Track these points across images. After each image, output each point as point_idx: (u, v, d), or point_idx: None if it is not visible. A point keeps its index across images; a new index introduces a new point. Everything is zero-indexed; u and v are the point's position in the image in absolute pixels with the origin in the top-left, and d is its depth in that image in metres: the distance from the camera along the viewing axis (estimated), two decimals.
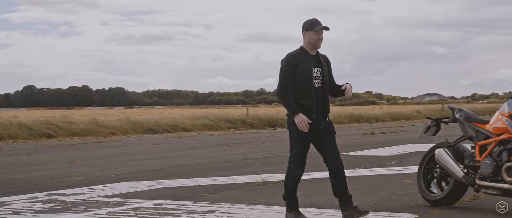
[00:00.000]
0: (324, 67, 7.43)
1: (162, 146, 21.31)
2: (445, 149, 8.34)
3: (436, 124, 8.83)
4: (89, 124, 29.89)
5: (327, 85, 7.46)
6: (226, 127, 34.66)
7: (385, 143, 19.98)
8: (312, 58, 7.38)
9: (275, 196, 9.37)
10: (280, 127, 36.15)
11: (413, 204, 8.55)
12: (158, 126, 31.99)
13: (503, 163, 7.67)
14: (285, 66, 7.34)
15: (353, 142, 21.30)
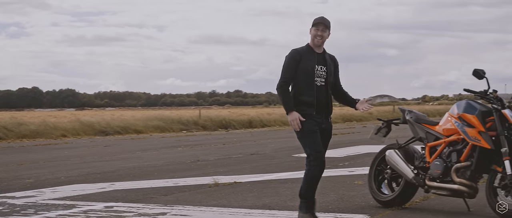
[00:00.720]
0: (329, 66, 7.36)
1: (114, 148, 21.12)
2: (396, 150, 8.41)
3: (387, 125, 8.90)
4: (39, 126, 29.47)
5: (332, 85, 7.41)
6: (178, 128, 34.50)
7: (337, 144, 20.09)
8: (316, 56, 7.31)
9: (227, 197, 9.35)
10: (232, 128, 36.16)
11: (364, 205, 8.60)
12: (110, 128, 31.70)
13: (452, 164, 7.76)
14: (288, 61, 7.29)
15: None
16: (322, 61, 7.33)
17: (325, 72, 7.31)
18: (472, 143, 7.54)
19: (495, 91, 7.66)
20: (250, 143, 21.86)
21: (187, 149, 19.77)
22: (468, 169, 7.59)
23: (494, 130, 7.46)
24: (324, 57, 7.38)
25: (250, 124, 38.61)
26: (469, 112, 7.65)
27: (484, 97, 7.67)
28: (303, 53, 7.28)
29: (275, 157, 16.27)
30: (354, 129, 32.83)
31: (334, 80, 7.51)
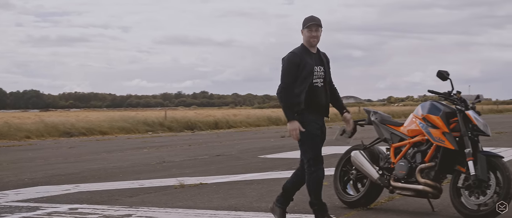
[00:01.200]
0: (325, 66, 7.27)
1: (78, 149, 20.96)
2: (361, 151, 8.45)
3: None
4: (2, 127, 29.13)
5: (329, 85, 7.32)
6: (144, 129, 34.33)
7: None
8: (313, 56, 7.20)
9: (193, 199, 9.32)
10: (198, 129, 36.07)
11: (329, 206, 8.60)
12: (74, 129, 31.44)
13: (417, 164, 7.83)
14: (287, 65, 7.11)
15: (272, 144, 21.41)
16: (319, 62, 7.24)
17: (323, 72, 7.22)
18: (436, 143, 7.61)
19: (459, 92, 7.73)
20: (216, 144, 21.81)
21: (152, 150, 19.68)
22: (433, 170, 7.66)
23: (458, 131, 7.53)
24: (320, 56, 7.28)
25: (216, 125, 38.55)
26: (433, 113, 7.72)
27: (448, 98, 7.74)
28: (301, 55, 7.12)
29: (241, 158, 16.27)
30: None
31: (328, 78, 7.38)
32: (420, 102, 7.47)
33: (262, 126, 41.25)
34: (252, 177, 11.94)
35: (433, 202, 8.09)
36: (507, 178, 7.19)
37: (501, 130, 26.74)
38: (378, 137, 8.58)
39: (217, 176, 12.11)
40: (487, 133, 7.53)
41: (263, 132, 32.79)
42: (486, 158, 7.32)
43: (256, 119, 42.78)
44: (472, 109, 7.63)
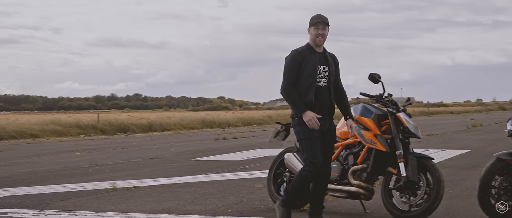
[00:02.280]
0: (331, 66, 7.16)
1: (8, 153, 20.55)
2: (294, 153, 8.48)
3: (286, 128, 8.96)
4: None
5: (333, 85, 7.21)
6: (76, 132, 33.88)
7: (237, 148, 20.16)
8: (318, 56, 7.10)
9: (125, 202, 9.23)
10: (131, 132, 35.77)
11: (263, 208, 8.65)
12: (4, 132, 30.83)
13: (349, 166, 7.90)
14: (289, 63, 7.05)
15: (205, 147, 21.37)
16: (324, 61, 7.14)
17: (327, 72, 7.12)
18: (368, 145, 7.70)
19: (390, 95, 7.84)
20: (149, 147, 21.66)
21: (85, 154, 19.43)
22: (365, 171, 7.75)
23: (389, 133, 7.63)
24: (326, 56, 7.18)
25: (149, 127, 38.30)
26: (365, 115, 7.81)
27: (380, 101, 7.83)
28: (304, 54, 7.05)
29: (175, 161, 16.18)
30: (254, 132, 33.02)
31: (335, 79, 7.30)
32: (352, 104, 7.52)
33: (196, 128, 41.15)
34: (186, 180, 11.89)
35: (365, 204, 8.18)
36: (437, 179, 7.31)
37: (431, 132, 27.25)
38: None
39: (150, 179, 12.02)
40: (418, 135, 7.64)
41: (197, 134, 32.70)
42: (416, 160, 7.43)
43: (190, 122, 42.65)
44: (403, 111, 7.74)
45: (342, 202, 8.79)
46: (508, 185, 7.33)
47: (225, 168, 13.95)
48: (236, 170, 13.44)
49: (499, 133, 25.60)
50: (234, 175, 12.55)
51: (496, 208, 7.37)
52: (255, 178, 11.84)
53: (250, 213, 8.27)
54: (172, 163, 15.66)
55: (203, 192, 10.20)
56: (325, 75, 7.10)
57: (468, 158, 15.34)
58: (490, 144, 20.02)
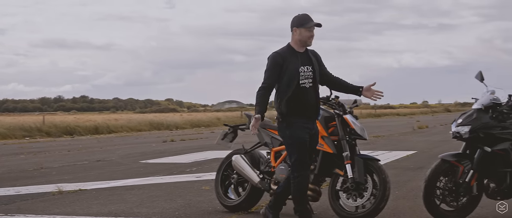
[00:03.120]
0: (315, 65, 7.03)
1: None
2: (242, 155, 8.49)
3: (233, 130, 8.97)
4: None
5: (319, 85, 7.09)
6: (21, 135, 33.32)
7: (185, 150, 20.09)
8: (300, 57, 6.97)
9: (71, 205, 9.12)
10: (78, 134, 35.36)
11: (211, 210, 8.63)
12: None
13: None
14: (270, 65, 6.94)
15: (153, 149, 21.24)
16: (307, 61, 7.01)
17: (312, 72, 7.01)
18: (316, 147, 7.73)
19: (337, 97, 7.87)
20: (96, 150, 21.44)
21: (30, 156, 19.15)
22: (312, 173, 7.77)
23: (336, 135, 7.67)
24: (308, 56, 7.06)
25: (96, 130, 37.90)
26: None
27: (327, 103, 7.87)
28: (285, 56, 6.94)
29: (122, 163, 16.05)
30: (202, 134, 32.94)
31: (324, 74, 7.21)
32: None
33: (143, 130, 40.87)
34: (133, 182, 11.80)
35: (312, 205, 8.19)
36: (383, 181, 7.38)
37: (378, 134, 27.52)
38: (259, 141, 8.64)
39: (97, 182, 11.90)
40: (364, 137, 7.71)
41: (144, 137, 32.49)
42: (363, 161, 7.49)
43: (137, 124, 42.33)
44: (350, 113, 7.79)
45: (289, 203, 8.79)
46: (453, 186, 7.45)
47: (173, 170, 13.89)
48: (184, 172, 13.39)
49: (444, 135, 25.99)
50: (181, 177, 12.50)
51: (440, 209, 7.48)
52: (203, 180, 11.81)
53: (198, 216, 8.25)
54: (119, 165, 15.53)
55: (151, 194, 10.13)
56: (309, 75, 6.99)
57: (414, 159, 15.53)
58: (436, 145, 20.30)
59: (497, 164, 7.40)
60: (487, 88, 7.61)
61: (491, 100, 7.45)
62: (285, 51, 7.01)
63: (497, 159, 7.38)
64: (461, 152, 7.56)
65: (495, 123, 7.38)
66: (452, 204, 7.50)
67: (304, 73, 6.96)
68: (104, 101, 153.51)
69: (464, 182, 7.40)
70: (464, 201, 7.49)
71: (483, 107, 7.44)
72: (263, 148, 8.55)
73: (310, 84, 6.98)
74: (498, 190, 7.51)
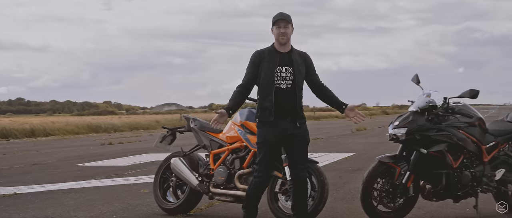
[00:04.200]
0: (298, 66, 6.87)
1: None
2: (181, 158, 8.46)
3: (172, 133, 8.94)
4: None
5: (301, 87, 6.92)
6: None
7: (123, 153, 19.90)
8: (280, 57, 6.85)
9: (7, 210, 8.96)
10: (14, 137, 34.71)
11: (150, 213, 8.58)
12: None
13: (236, 170, 7.93)
14: (248, 64, 6.93)
15: (91, 152, 20.99)
16: (287, 62, 6.88)
17: (291, 74, 6.86)
18: (255, 150, 7.73)
19: None
20: (32, 153, 21.07)
21: None
22: (251, 175, 7.77)
23: None
24: (290, 57, 6.91)
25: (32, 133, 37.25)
26: (251, 119, 7.84)
27: None
28: (263, 55, 6.87)
29: (59, 166, 15.81)
30: (141, 137, 32.70)
31: (310, 79, 7.05)
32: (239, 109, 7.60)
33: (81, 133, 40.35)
34: (70, 186, 11.64)
35: None
36: (321, 183, 7.43)
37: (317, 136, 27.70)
38: (198, 144, 8.62)
39: (33, 186, 11.70)
40: None
41: (82, 139, 32.10)
42: None
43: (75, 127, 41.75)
44: None
45: (229, 206, 8.81)
46: (390, 188, 7.54)
47: (111, 173, 13.75)
48: (122, 176, 13.27)
49: (381, 137, 26.31)
50: (120, 180, 12.39)
51: (378, 210, 7.57)
52: (141, 183, 11.73)
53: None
54: (56, 168, 15.30)
55: (88, 198, 10.01)
56: (287, 76, 6.86)
57: (352, 161, 15.69)
58: (373, 147, 20.54)
59: (433, 166, 7.52)
60: (423, 91, 7.73)
61: (427, 103, 7.57)
62: (265, 51, 6.96)
63: (433, 160, 7.50)
64: (398, 154, 7.67)
65: (431, 125, 7.51)
66: (389, 205, 7.60)
67: (280, 74, 6.86)
68: (41, 104, 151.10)
69: (400, 184, 7.50)
70: (400, 202, 7.60)
71: (419, 110, 7.55)
72: (202, 151, 8.53)
73: (288, 85, 6.87)
74: (434, 191, 7.64)
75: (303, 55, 7.06)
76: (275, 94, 6.83)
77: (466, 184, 7.64)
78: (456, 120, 7.65)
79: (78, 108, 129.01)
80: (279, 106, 6.85)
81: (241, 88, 7.00)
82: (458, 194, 7.67)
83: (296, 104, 6.91)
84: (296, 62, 6.91)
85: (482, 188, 7.76)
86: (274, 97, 6.83)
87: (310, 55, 7.11)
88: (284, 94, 6.85)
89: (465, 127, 7.67)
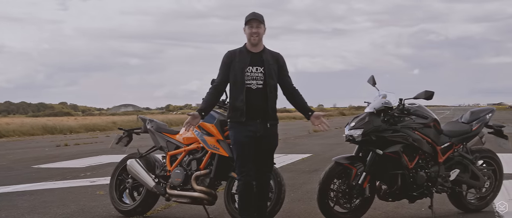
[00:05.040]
0: (269, 66, 6.78)
1: None
2: (137, 159, 8.41)
3: (128, 134, 8.89)
4: None
5: (273, 87, 6.84)
6: None
7: (79, 154, 19.72)
8: (251, 56, 6.77)
9: None
10: None
11: (105, 215, 8.51)
12: None
13: (192, 172, 7.90)
14: (220, 64, 6.83)
15: (46, 154, 20.76)
16: (258, 62, 6.80)
17: (262, 74, 6.78)
18: (211, 151, 7.72)
19: None
20: None
21: None
22: (208, 177, 7.77)
23: None
24: (262, 57, 6.83)
25: None
26: (208, 121, 7.82)
27: (222, 106, 7.87)
28: (236, 55, 6.79)
29: (13, 168, 15.61)
30: (97, 138, 32.44)
31: (282, 80, 6.95)
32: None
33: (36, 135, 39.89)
34: (25, 188, 11.49)
35: (208, 209, 8.21)
36: (278, 183, 7.45)
37: None
38: (154, 145, 8.58)
39: None
40: None
41: (37, 141, 31.72)
42: None
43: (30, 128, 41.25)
44: None
45: (185, 207, 8.78)
46: (346, 188, 7.58)
47: (67, 175, 13.61)
48: (78, 177, 13.14)
49: (338, 138, 26.44)
50: (75, 182, 12.27)
51: (334, 210, 7.60)
52: (97, 185, 11.63)
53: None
54: (10, 170, 15.10)
55: (43, 200, 9.89)
56: (258, 76, 6.79)
57: (309, 162, 15.74)
58: (330, 148, 20.65)
59: (388, 166, 7.58)
60: (379, 92, 7.78)
61: (382, 104, 7.62)
62: (236, 50, 6.90)
63: (388, 161, 7.56)
64: (354, 154, 7.71)
65: (386, 126, 7.56)
66: (345, 206, 7.64)
67: (251, 73, 6.79)
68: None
69: (357, 184, 7.55)
70: (357, 203, 7.65)
71: (375, 111, 7.61)
72: (159, 152, 8.49)
73: (258, 86, 6.79)
74: (390, 191, 7.71)
75: (276, 56, 6.98)
76: (246, 94, 6.78)
77: (421, 184, 7.72)
78: (412, 121, 7.73)
79: (33, 109, 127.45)
80: (250, 107, 6.77)
81: (213, 90, 6.95)
82: (413, 194, 7.75)
83: (268, 105, 6.83)
84: (268, 62, 6.84)
85: (437, 188, 7.86)
86: (247, 98, 6.77)
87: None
88: (254, 94, 6.78)
89: (420, 128, 7.75)
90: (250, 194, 6.93)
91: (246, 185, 6.88)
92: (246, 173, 6.85)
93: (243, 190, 6.90)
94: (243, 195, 6.92)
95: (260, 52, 6.88)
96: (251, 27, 6.80)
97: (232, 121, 6.89)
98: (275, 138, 7.01)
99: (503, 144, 8.59)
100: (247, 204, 6.94)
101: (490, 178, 8.40)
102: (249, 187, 6.90)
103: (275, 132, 6.99)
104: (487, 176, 8.36)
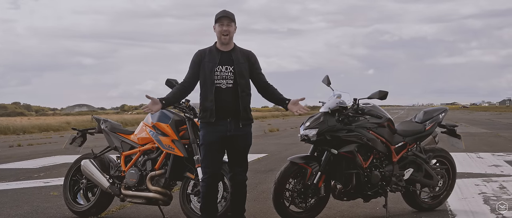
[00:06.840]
0: (239, 65, 6.70)
1: None
2: (91, 160, 8.35)
3: (82, 134, 8.82)
4: None
5: (245, 86, 6.72)
6: None
7: (32, 155, 19.48)
8: (221, 56, 6.67)
9: None
10: None
11: (59, 216, 8.43)
12: None
13: (147, 172, 7.87)
14: (190, 62, 6.76)
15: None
16: (228, 61, 6.71)
17: (232, 73, 6.69)
18: (166, 151, 7.70)
19: (188, 100, 7.85)
20: None
21: None
22: (163, 177, 7.74)
23: (187, 138, 7.67)
24: (231, 56, 6.74)
25: None
26: (163, 121, 7.80)
27: (177, 106, 7.85)
28: (205, 54, 6.70)
29: None
30: (50, 138, 32.09)
31: (254, 78, 6.88)
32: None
33: None
34: None
35: (164, 209, 8.18)
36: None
37: None
38: (109, 145, 8.52)
39: None
40: None
41: None
42: None
43: None
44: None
45: (140, 208, 8.74)
46: (301, 188, 7.61)
47: (20, 176, 13.44)
48: (31, 178, 12.99)
49: (294, 138, 26.57)
50: (29, 183, 12.12)
51: (290, 210, 7.62)
52: (51, 185, 11.50)
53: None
54: None
55: None
56: (228, 76, 6.70)
57: (265, 162, 15.76)
58: (286, 148, 20.71)
59: (343, 166, 7.63)
60: (334, 92, 7.82)
61: (337, 104, 7.67)
62: (206, 50, 6.83)
63: (343, 161, 7.61)
64: (309, 154, 7.75)
65: (341, 126, 7.61)
66: (301, 206, 7.67)
67: (220, 73, 6.71)
68: None
69: (312, 184, 7.58)
70: (312, 202, 7.69)
71: (330, 111, 7.65)
72: (113, 152, 8.43)
73: (228, 85, 6.71)
74: (345, 191, 7.76)
75: (247, 54, 6.91)
76: (216, 94, 6.72)
77: (376, 183, 7.79)
78: (366, 120, 7.79)
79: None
80: (220, 106, 6.70)
81: (180, 86, 6.93)
82: (368, 193, 7.82)
83: (239, 104, 6.74)
84: (237, 61, 6.78)
85: (391, 187, 7.94)
86: (217, 98, 6.72)
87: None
88: (224, 94, 6.70)
89: (375, 127, 7.82)
90: (213, 195, 6.93)
91: (210, 185, 6.86)
92: (210, 174, 6.83)
93: (205, 191, 6.87)
94: (205, 195, 6.89)
95: (230, 51, 6.81)
96: (222, 25, 6.72)
97: (202, 121, 6.84)
98: (248, 137, 6.93)
99: (456, 143, 8.72)
100: (208, 204, 6.93)
101: (444, 177, 8.52)
102: (212, 188, 6.88)
103: (249, 131, 6.92)
104: (440, 175, 8.48)
